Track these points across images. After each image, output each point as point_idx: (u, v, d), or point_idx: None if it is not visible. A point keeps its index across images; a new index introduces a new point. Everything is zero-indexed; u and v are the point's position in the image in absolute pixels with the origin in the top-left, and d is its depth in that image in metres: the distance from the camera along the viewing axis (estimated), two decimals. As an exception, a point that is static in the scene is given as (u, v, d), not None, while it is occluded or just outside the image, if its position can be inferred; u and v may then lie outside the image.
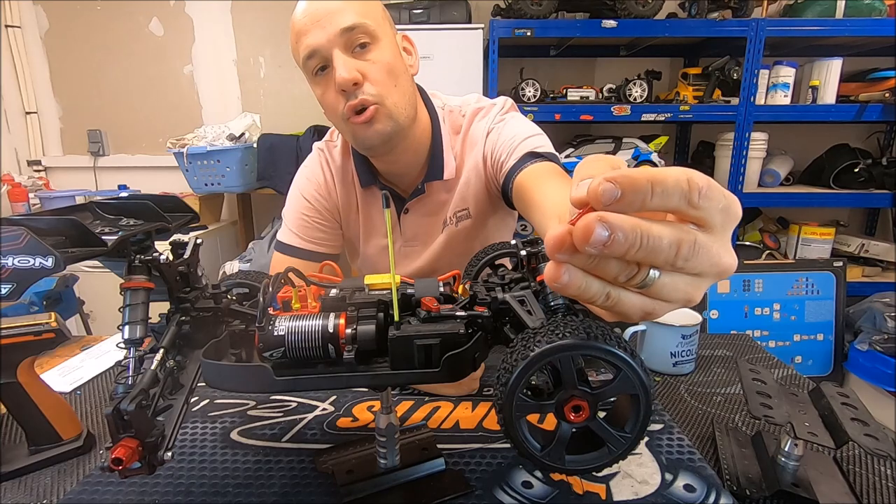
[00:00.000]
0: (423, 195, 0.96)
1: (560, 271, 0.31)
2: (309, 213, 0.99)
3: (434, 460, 0.60)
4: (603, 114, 2.03)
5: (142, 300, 0.51)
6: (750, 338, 1.06)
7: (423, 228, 1.00)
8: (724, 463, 0.63)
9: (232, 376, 0.50)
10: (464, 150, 0.96)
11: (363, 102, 0.80)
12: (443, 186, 0.96)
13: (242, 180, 2.21)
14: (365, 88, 0.80)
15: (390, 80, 0.82)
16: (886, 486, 0.60)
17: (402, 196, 0.98)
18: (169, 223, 0.57)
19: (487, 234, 1.01)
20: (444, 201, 0.97)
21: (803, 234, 2.22)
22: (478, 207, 0.97)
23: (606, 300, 0.32)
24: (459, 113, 0.97)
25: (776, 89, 2.06)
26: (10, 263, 0.41)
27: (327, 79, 0.82)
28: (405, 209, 0.98)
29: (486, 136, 0.93)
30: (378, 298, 0.52)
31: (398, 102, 0.84)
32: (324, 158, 1.01)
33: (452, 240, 0.99)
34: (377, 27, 0.81)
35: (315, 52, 0.79)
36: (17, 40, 2.55)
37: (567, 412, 0.45)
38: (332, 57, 0.79)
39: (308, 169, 1.01)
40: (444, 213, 0.98)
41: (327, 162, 1.00)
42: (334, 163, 1.00)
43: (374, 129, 0.83)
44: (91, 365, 0.93)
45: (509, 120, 0.94)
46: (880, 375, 1.93)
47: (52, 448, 0.65)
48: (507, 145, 0.89)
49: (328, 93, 0.82)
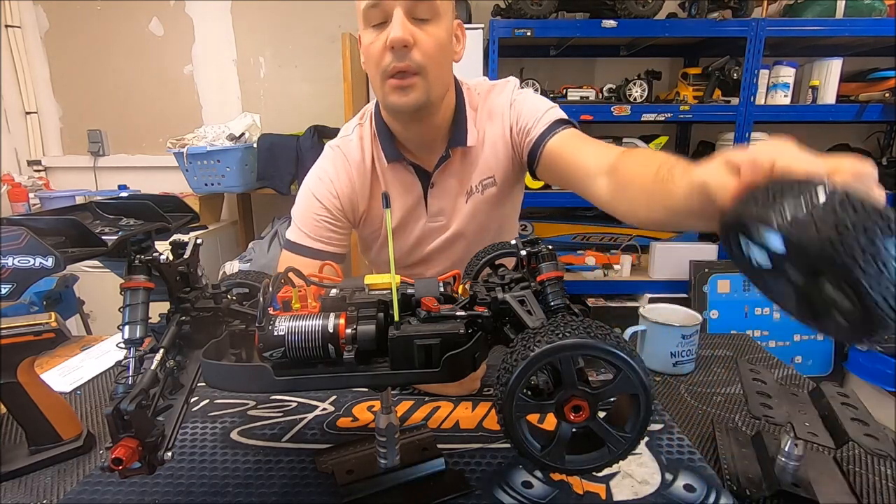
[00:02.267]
0: (448, 162, 0.98)
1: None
2: (320, 213, 0.99)
3: (434, 460, 0.60)
4: (603, 114, 2.03)
5: (142, 300, 0.51)
6: (750, 338, 1.06)
7: (448, 202, 1.01)
8: (724, 463, 0.63)
9: (232, 376, 0.50)
10: (482, 122, 0.99)
11: (407, 67, 0.83)
12: (466, 154, 0.99)
13: (242, 180, 2.21)
14: (413, 54, 0.82)
15: (438, 55, 0.85)
16: (886, 486, 0.60)
17: (427, 170, 0.98)
18: (169, 223, 0.57)
19: (510, 203, 1.07)
20: (469, 170, 0.99)
21: (803, 234, 2.22)
22: (502, 175, 1.01)
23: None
24: (475, 91, 1.01)
25: (776, 89, 2.06)
26: (10, 263, 0.41)
27: (380, 33, 0.83)
28: (431, 184, 0.99)
29: (511, 106, 0.98)
30: (378, 298, 0.52)
31: (438, 78, 0.87)
32: (338, 156, 1.00)
33: (478, 209, 1.01)
34: (441, 6, 0.83)
35: (379, 3, 0.81)
36: (17, 40, 2.55)
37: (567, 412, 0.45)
38: (391, 14, 0.81)
39: (320, 168, 1.01)
40: (468, 182, 1.00)
41: (342, 159, 1.00)
42: (350, 159, 1.00)
43: (409, 96, 0.86)
44: (91, 365, 0.93)
45: (527, 93, 1.00)
46: (880, 375, 1.93)
47: (52, 448, 0.65)
48: (532, 115, 0.95)
49: (376, 44, 0.84)
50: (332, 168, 1.00)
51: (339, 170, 0.99)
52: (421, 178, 0.99)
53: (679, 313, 0.94)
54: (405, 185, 0.99)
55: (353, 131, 1.01)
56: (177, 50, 2.58)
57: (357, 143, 1.00)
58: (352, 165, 0.99)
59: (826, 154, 0.40)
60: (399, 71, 0.83)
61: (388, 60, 0.82)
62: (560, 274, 0.56)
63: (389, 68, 0.83)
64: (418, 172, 0.98)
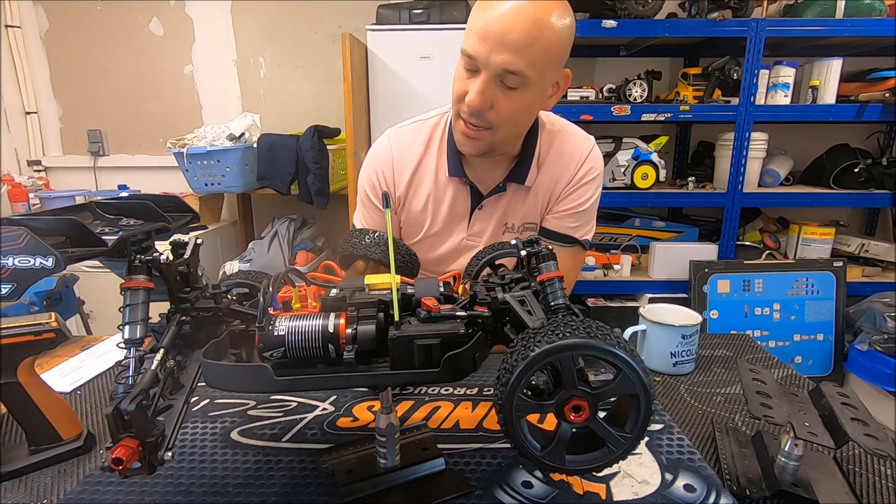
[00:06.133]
0: (502, 194, 0.99)
1: None
2: (366, 202, 1.04)
3: (434, 460, 0.60)
4: (603, 114, 2.03)
5: (142, 300, 0.51)
6: (750, 338, 1.06)
7: (489, 227, 1.02)
8: (724, 463, 0.63)
9: (232, 376, 0.50)
10: (548, 163, 0.98)
11: (479, 124, 0.84)
12: (519, 191, 0.99)
13: (242, 180, 2.21)
14: (488, 115, 0.83)
15: (514, 119, 0.85)
16: (886, 486, 0.60)
17: (481, 192, 0.99)
18: (169, 223, 0.57)
19: None
20: (517, 208, 1.00)
21: (803, 234, 2.22)
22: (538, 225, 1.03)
23: None
24: (550, 127, 1.00)
25: (776, 89, 2.06)
26: (10, 263, 0.41)
27: (470, 77, 0.82)
28: (480, 206, 1.00)
29: (575, 182, 0.98)
30: (378, 298, 0.52)
31: (510, 133, 0.88)
32: (392, 142, 1.01)
33: None
34: (537, 75, 0.80)
35: (473, 57, 0.80)
36: (17, 40, 2.55)
37: (567, 412, 0.45)
38: (479, 73, 0.80)
39: (374, 156, 1.03)
40: (512, 218, 1.01)
41: (398, 143, 1.01)
42: (410, 145, 1.00)
43: (473, 143, 0.88)
44: (91, 365, 0.93)
45: (596, 188, 1.01)
46: (880, 375, 1.93)
47: (52, 448, 0.65)
48: (573, 210, 0.99)
49: (462, 84, 0.84)
50: (387, 153, 1.01)
51: (393, 154, 1.01)
52: (473, 196, 1.00)
53: (679, 313, 0.93)
54: (458, 197, 1.00)
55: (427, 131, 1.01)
56: (177, 50, 2.58)
57: (423, 144, 1.00)
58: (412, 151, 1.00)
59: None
60: (471, 123, 0.84)
61: (465, 107, 0.83)
62: (560, 274, 0.56)
63: (463, 114, 0.85)
64: (472, 191, 0.99)
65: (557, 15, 0.78)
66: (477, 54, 0.78)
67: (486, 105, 0.81)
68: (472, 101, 0.80)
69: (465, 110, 0.83)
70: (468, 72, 0.82)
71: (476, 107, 0.81)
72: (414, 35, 2.10)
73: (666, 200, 2.27)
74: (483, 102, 0.80)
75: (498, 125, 0.84)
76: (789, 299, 2.13)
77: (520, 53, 0.76)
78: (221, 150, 2.13)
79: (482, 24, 0.78)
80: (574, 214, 0.99)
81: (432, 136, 1.00)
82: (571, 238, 1.00)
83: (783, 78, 2.05)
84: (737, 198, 2.07)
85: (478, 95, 0.80)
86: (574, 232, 1.00)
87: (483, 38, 0.77)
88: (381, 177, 1.01)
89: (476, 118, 0.83)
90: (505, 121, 0.84)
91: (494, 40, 0.76)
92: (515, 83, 0.79)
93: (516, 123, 0.87)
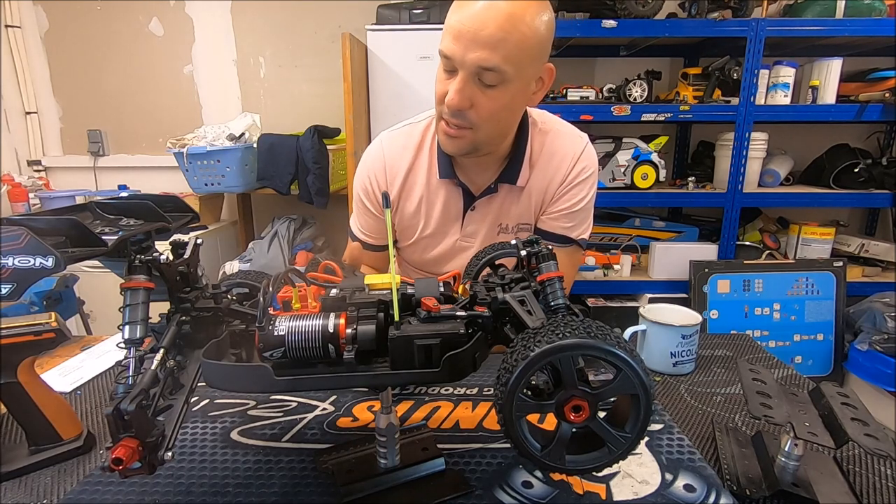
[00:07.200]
0: (493, 195, 0.99)
1: None
2: (361, 206, 1.05)
3: (434, 460, 0.60)
4: (603, 114, 2.03)
5: (142, 300, 0.51)
6: (750, 338, 1.06)
7: (482, 228, 1.02)
8: (724, 463, 0.63)
9: (232, 376, 0.50)
10: (541, 162, 0.98)
11: (460, 123, 0.84)
12: (512, 192, 0.99)
13: (242, 180, 2.21)
14: (468, 114, 0.83)
15: (495, 117, 0.85)
16: (886, 486, 0.60)
17: (473, 193, 0.99)
18: (169, 223, 0.57)
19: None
20: (510, 208, 1.00)
21: (803, 234, 2.22)
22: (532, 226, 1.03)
23: None
24: (541, 126, 0.99)
25: (776, 89, 2.06)
26: (10, 263, 0.41)
27: (449, 78, 0.82)
28: (472, 207, 1.00)
29: (569, 181, 0.97)
30: (378, 298, 0.52)
31: (492, 131, 0.87)
32: (385, 146, 1.02)
33: None
34: (515, 71, 0.80)
35: (449, 57, 0.80)
36: (17, 40, 2.55)
37: (567, 412, 0.45)
38: (457, 73, 0.80)
39: (367, 160, 1.03)
40: (506, 219, 1.01)
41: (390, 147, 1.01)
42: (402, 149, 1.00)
43: (455, 143, 0.88)
44: (91, 365, 0.93)
45: (591, 186, 1.00)
46: (880, 375, 1.93)
47: (52, 448, 0.65)
48: (569, 210, 0.98)
49: (442, 85, 0.84)
50: (379, 156, 1.01)
51: (385, 157, 1.01)
52: (465, 197, 1.00)
53: (679, 313, 0.93)
54: (450, 199, 1.00)
55: (418, 134, 1.01)
56: (177, 50, 2.58)
57: (414, 146, 1.00)
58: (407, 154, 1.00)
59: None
60: (453, 123, 0.84)
61: (446, 109, 0.83)
62: (560, 274, 0.56)
63: (444, 115, 0.85)
64: (464, 192, 0.99)
65: (532, 10, 0.78)
66: (452, 54, 0.79)
67: (466, 104, 0.81)
68: (451, 100, 0.80)
69: (446, 111, 0.84)
70: (447, 72, 0.83)
71: (455, 106, 0.81)
72: (414, 35, 2.10)
73: (666, 200, 2.27)
74: (462, 101, 0.80)
75: (479, 124, 0.84)
76: (789, 299, 2.13)
77: (494, 49, 0.76)
78: (221, 150, 2.13)
79: (455, 23, 0.78)
80: (569, 215, 0.99)
81: (423, 138, 1.00)
82: (567, 238, 1.00)
83: (783, 78, 2.05)
84: (737, 198, 2.07)
85: (456, 95, 0.80)
86: (569, 232, 1.00)
87: (457, 37, 0.78)
88: (374, 181, 1.01)
89: (457, 118, 0.83)
90: (486, 119, 0.84)
91: (468, 38, 0.77)
92: (493, 80, 0.80)
93: (498, 122, 0.86)
